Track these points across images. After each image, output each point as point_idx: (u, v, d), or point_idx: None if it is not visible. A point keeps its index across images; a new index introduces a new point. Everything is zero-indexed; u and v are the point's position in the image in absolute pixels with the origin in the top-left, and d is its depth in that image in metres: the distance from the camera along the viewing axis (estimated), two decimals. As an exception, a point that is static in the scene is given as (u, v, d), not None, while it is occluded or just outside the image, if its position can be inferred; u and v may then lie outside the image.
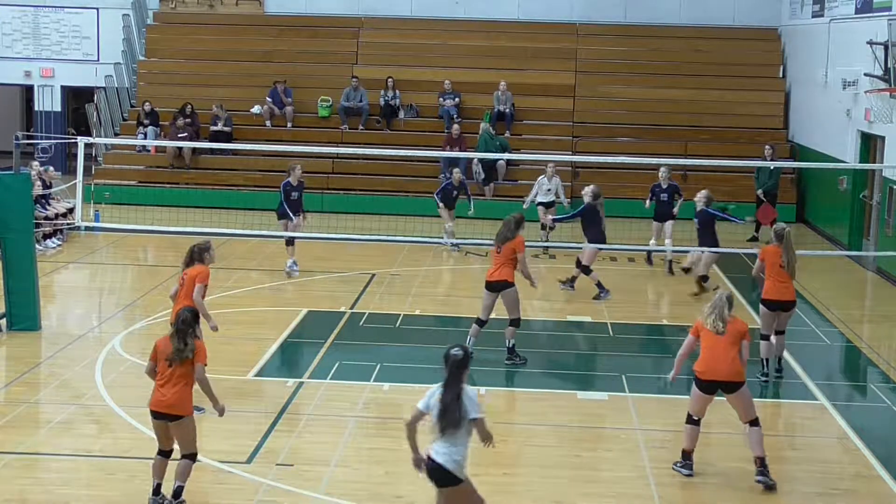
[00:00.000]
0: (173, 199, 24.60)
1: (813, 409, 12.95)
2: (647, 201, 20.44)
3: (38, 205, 19.62)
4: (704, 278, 18.05)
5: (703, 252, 18.09)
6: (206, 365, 9.50)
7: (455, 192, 21.57)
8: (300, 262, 18.99)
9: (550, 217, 20.45)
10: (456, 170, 22.18)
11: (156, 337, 15.36)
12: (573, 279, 18.37)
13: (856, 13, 22.91)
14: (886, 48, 19.44)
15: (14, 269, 14.96)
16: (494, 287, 13.98)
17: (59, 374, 13.33)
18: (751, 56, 29.10)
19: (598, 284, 17.97)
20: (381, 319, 16.40)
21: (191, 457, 9.48)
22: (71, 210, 21.44)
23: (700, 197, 18.11)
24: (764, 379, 13.60)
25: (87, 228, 21.08)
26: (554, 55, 29.46)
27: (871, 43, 20.25)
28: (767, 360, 13.66)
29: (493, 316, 15.59)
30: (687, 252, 19.25)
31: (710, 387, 10.50)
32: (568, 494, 10.23)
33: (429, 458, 8.19)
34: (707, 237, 17.96)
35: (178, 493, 9.38)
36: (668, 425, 12.22)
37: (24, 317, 14.95)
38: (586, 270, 18.04)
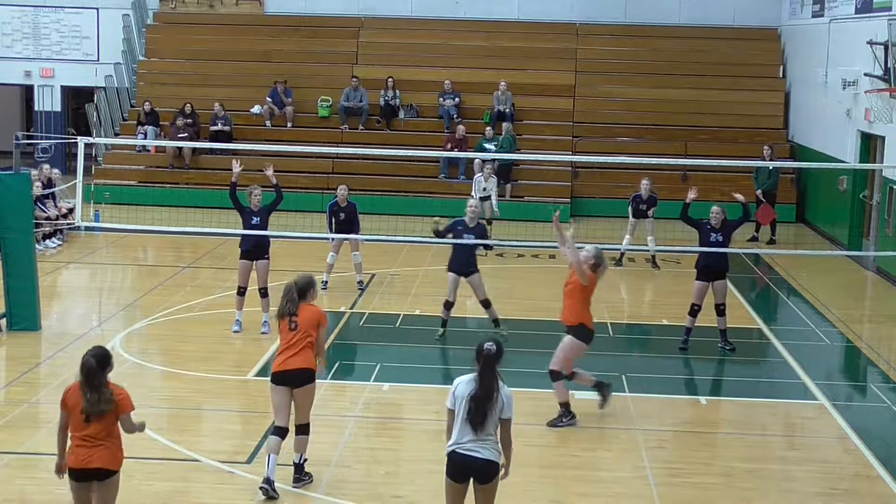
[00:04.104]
0: (173, 199, 24.59)
1: (813, 409, 12.94)
2: (630, 209, 20.40)
3: (39, 204, 19.63)
4: None
5: None
6: None
7: (342, 215, 17.39)
8: (301, 263, 18.82)
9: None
10: (342, 187, 17.75)
11: (157, 336, 15.37)
12: None
13: (856, 13, 22.90)
14: (886, 48, 19.43)
15: (14, 269, 14.94)
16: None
17: (59, 374, 13.30)
18: (751, 56, 29.10)
19: None
20: (381, 319, 16.38)
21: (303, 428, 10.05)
22: (71, 210, 21.43)
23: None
24: None
25: (87, 228, 21.04)
26: (554, 55, 29.44)
27: (871, 43, 20.25)
28: None
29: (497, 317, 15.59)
30: (687, 252, 19.11)
31: None
32: (567, 494, 10.23)
33: (467, 455, 8.09)
34: None
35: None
36: (668, 425, 12.22)
37: (24, 317, 14.93)
38: None
